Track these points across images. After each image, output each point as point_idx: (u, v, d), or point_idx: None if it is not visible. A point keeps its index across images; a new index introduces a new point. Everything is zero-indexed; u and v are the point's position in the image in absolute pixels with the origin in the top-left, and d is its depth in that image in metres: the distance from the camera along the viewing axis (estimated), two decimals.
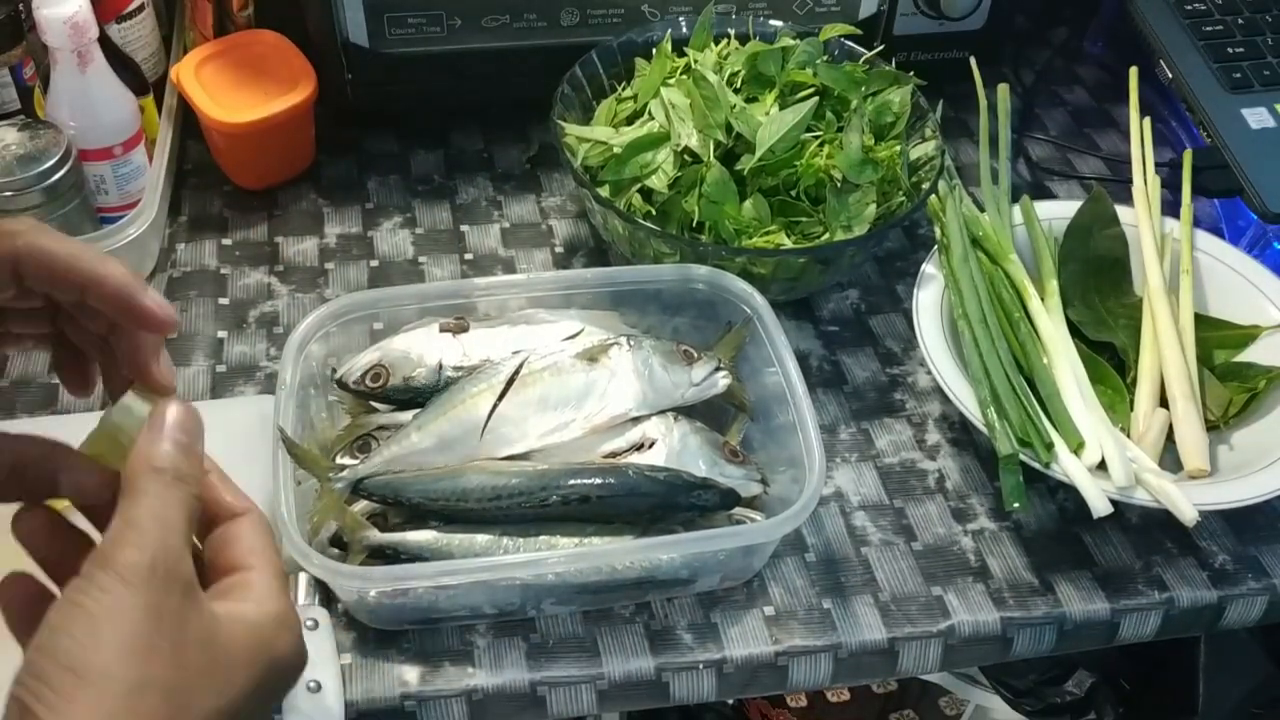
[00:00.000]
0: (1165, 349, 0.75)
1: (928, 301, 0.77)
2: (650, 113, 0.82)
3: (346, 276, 0.86)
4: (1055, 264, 0.80)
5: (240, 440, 0.65)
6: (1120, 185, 0.88)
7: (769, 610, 0.68)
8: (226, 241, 0.89)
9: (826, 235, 0.79)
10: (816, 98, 0.80)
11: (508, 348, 0.71)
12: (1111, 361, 0.77)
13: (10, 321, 0.48)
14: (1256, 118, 0.88)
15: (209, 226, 0.90)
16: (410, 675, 0.64)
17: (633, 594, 0.67)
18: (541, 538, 0.65)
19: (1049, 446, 0.69)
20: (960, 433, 0.78)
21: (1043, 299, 0.77)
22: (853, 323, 0.85)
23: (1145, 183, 0.84)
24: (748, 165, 0.77)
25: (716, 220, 0.78)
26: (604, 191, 0.80)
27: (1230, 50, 0.92)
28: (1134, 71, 0.88)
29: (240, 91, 0.88)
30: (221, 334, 0.82)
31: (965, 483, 0.75)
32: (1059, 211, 0.84)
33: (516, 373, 0.69)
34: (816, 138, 0.79)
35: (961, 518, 0.73)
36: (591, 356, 0.70)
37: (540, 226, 0.91)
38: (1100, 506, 0.66)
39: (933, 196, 0.80)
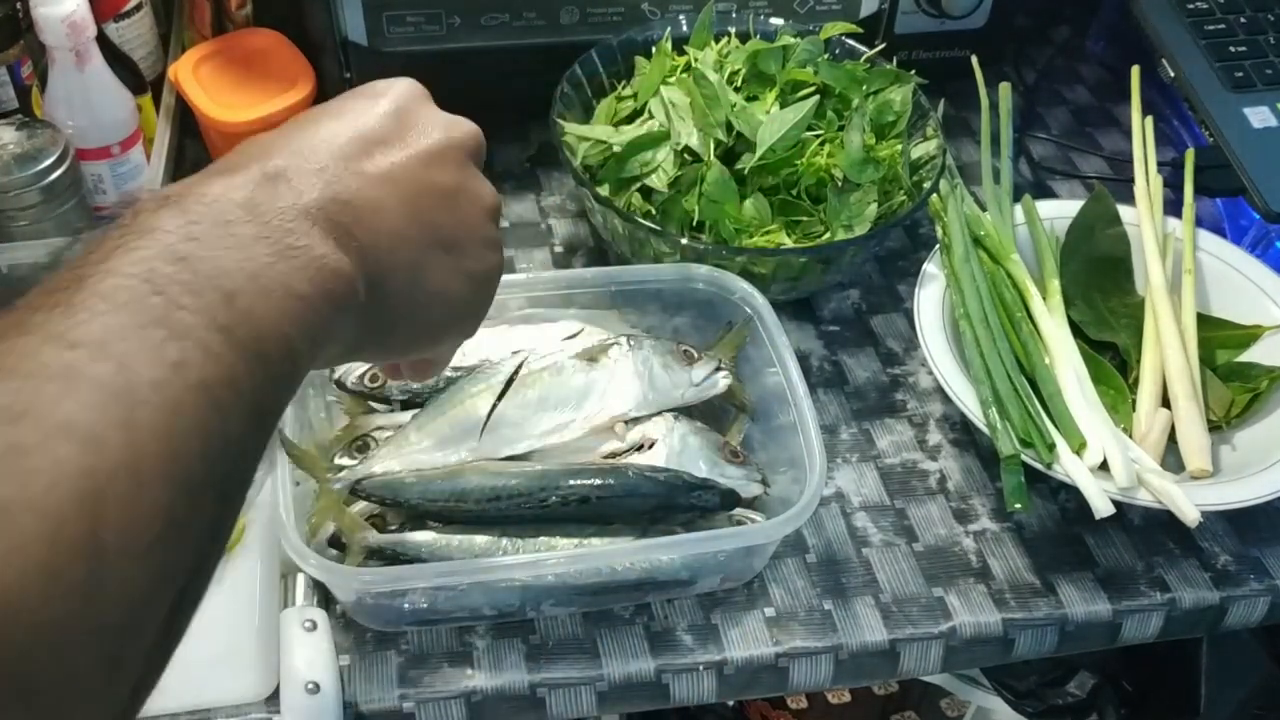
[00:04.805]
0: (1167, 349, 0.74)
1: (929, 301, 0.77)
2: (650, 111, 0.81)
3: None
4: (1057, 263, 0.80)
5: None
6: (1122, 184, 0.87)
7: (769, 611, 0.68)
8: None
9: (827, 235, 0.78)
10: (817, 96, 0.79)
11: (507, 348, 0.71)
12: (1113, 361, 0.77)
13: None
14: (1259, 117, 0.88)
15: None
16: (409, 677, 0.63)
17: (632, 595, 0.67)
18: (541, 539, 0.65)
19: (1051, 447, 0.68)
20: (962, 433, 0.78)
21: (1044, 298, 0.77)
22: (854, 322, 0.85)
23: (1147, 182, 0.83)
24: (748, 164, 0.77)
25: (717, 220, 0.77)
26: (604, 191, 0.80)
27: (1232, 49, 0.92)
28: (1136, 70, 0.87)
29: (239, 90, 0.88)
30: None
31: (967, 483, 0.75)
32: (1061, 211, 0.84)
33: (516, 373, 0.68)
34: (817, 136, 0.79)
35: (963, 518, 0.73)
36: (591, 356, 0.70)
37: (540, 226, 0.91)
38: (1102, 507, 0.65)
39: (934, 196, 0.80)
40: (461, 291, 0.45)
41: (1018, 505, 0.67)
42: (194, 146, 0.94)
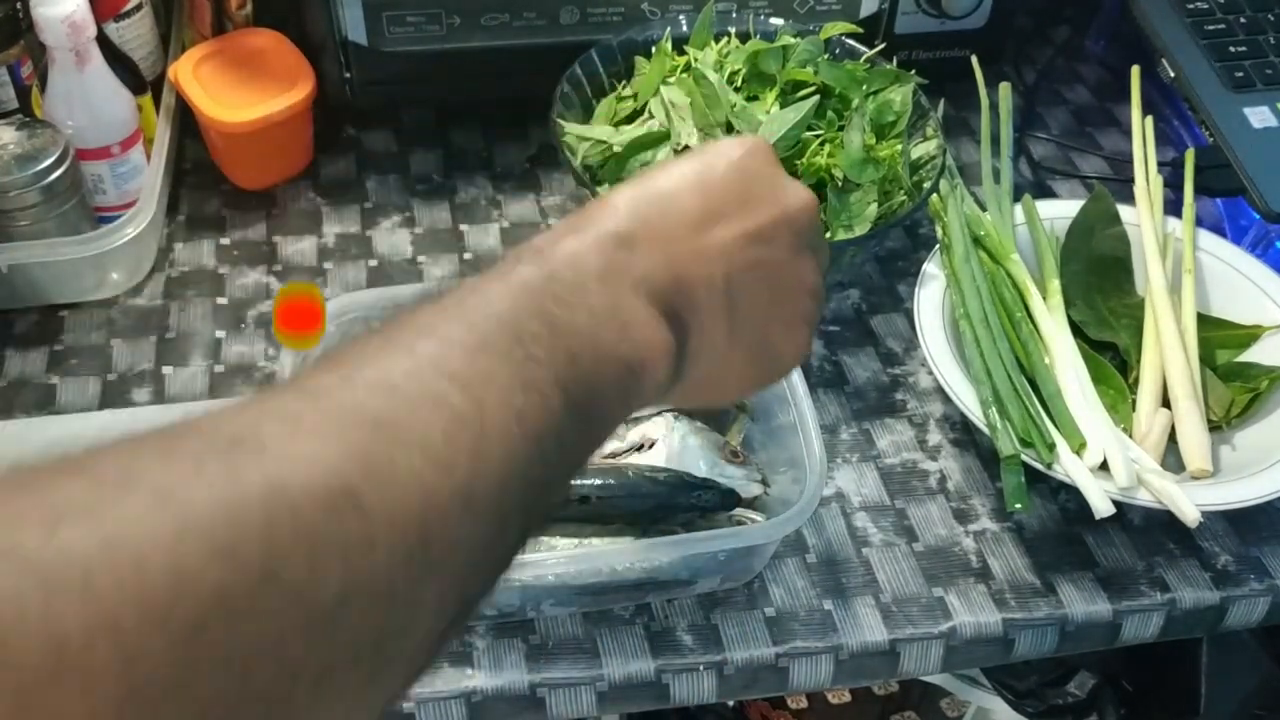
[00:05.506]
0: (1167, 349, 0.74)
1: (929, 301, 0.77)
2: (650, 111, 0.81)
3: (345, 276, 0.86)
4: (1057, 263, 0.80)
5: None
6: (1122, 184, 0.87)
7: (769, 611, 0.68)
8: (224, 241, 0.88)
9: (827, 235, 0.78)
10: (817, 96, 0.79)
11: None
12: (1113, 361, 0.77)
13: None
14: (1259, 117, 0.88)
15: (207, 226, 0.90)
16: None
17: (633, 595, 0.67)
18: (541, 539, 0.65)
19: (1051, 447, 0.68)
20: (962, 433, 0.78)
21: (1044, 298, 0.77)
22: (854, 322, 0.85)
23: (1147, 182, 0.83)
24: None
25: None
26: (604, 190, 0.80)
27: (1232, 49, 0.92)
28: (1136, 70, 0.87)
29: (238, 90, 0.88)
30: (219, 334, 0.82)
31: (967, 483, 0.75)
32: (1061, 211, 0.84)
33: None
34: (817, 136, 0.79)
35: (963, 518, 0.73)
36: None
37: (540, 226, 0.91)
38: (1102, 507, 0.65)
39: (934, 196, 0.80)
40: (758, 366, 0.48)
41: (1018, 505, 0.67)
42: (194, 146, 0.94)
